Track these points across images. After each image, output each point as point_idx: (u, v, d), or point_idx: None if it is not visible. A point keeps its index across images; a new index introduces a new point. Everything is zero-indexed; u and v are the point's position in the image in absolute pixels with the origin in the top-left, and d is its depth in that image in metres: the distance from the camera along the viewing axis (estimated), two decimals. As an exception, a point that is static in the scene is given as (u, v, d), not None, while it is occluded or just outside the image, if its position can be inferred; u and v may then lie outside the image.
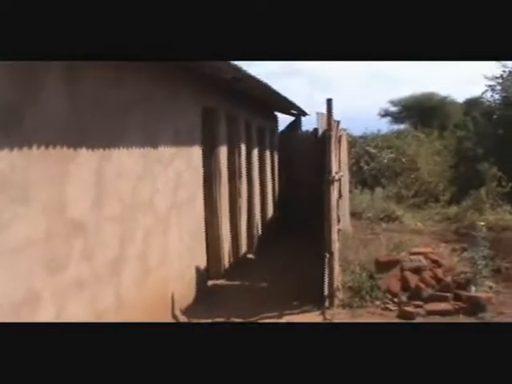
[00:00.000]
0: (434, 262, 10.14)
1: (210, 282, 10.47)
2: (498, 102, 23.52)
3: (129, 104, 7.03)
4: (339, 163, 11.18)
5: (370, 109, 53.62)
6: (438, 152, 24.10)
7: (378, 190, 20.63)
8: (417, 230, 16.30)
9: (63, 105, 5.57)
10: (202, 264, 10.02)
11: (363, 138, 25.67)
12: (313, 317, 8.81)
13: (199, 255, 9.88)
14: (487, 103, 24.50)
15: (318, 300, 9.17)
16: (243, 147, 12.74)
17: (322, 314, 8.86)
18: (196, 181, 9.67)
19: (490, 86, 23.23)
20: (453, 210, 18.97)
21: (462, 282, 9.48)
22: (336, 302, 9.11)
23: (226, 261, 11.33)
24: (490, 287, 9.77)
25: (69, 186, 5.65)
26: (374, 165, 22.98)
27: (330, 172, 9.36)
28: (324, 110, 9.57)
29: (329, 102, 9.41)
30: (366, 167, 22.79)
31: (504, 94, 22.87)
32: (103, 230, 6.35)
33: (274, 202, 16.69)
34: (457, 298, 9.14)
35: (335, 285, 9.18)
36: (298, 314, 8.95)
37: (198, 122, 9.73)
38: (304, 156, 16.08)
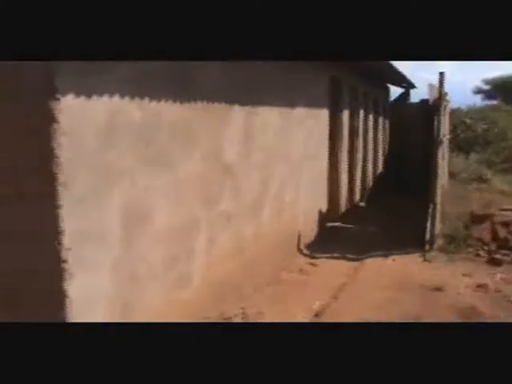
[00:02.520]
0: (522, 217, 9.68)
1: (328, 224, 10.34)
2: None
3: (273, 75, 6.93)
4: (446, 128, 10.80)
5: (463, 86, 51.77)
6: (526, 125, 22.80)
7: (473, 155, 19.81)
8: (504, 191, 15.58)
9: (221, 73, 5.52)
10: (324, 208, 9.92)
11: (459, 110, 24.79)
12: (414, 257, 8.57)
13: (321, 200, 9.79)
14: None
15: (419, 245, 8.90)
16: (361, 112, 12.45)
17: (423, 255, 8.60)
18: (323, 137, 9.53)
19: None
20: (537, 176, 17.96)
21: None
22: (435, 246, 8.82)
23: (343, 206, 11.16)
24: None
25: (224, 137, 5.64)
26: (469, 133, 22.15)
27: (439, 134, 9.03)
28: (432, 83, 9.26)
29: (441, 74, 8.95)
30: (462, 135, 21.97)
31: None
32: (249, 174, 6.34)
33: (384, 160, 16.34)
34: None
35: (436, 231, 8.89)
36: (402, 254, 8.73)
37: (326, 89, 9.56)
38: (411, 122, 15.61)
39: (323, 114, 9.45)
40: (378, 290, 7.01)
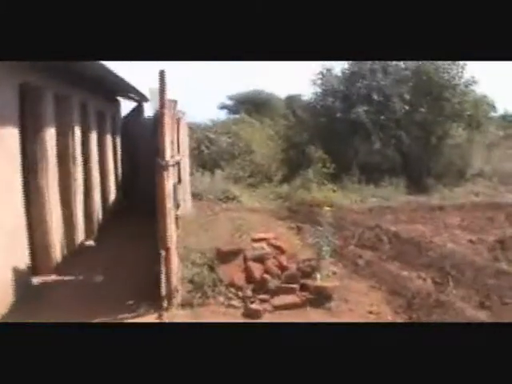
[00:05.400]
0: (277, 248, 8.11)
1: (36, 280, 7.71)
2: (319, 94, 21.90)
3: None
4: (178, 146, 8.70)
5: (208, 101, 51.80)
6: (270, 137, 22.64)
7: (218, 172, 18.51)
8: (253, 208, 14.49)
9: None
10: (25, 260, 7.29)
11: (204, 125, 23.88)
12: (151, 319, 6.43)
13: (19, 252, 7.11)
14: (310, 95, 22.96)
15: (155, 299, 6.74)
16: (78, 130, 9.91)
17: (160, 316, 6.45)
18: (12, 168, 6.88)
19: (312, 80, 21.77)
20: (284, 188, 17.58)
21: (308, 270, 7.52)
22: (175, 302, 6.67)
23: (58, 252, 8.55)
24: (334, 273, 7.92)
25: None
26: (213, 149, 20.91)
27: (163, 156, 6.63)
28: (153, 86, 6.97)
29: (161, 73, 6.48)
30: (206, 151, 20.65)
31: (324, 88, 21.48)
32: None
33: (117, 186, 13.95)
34: (304, 288, 7.21)
35: (174, 284, 6.70)
36: (133, 317, 6.49)
37: (13, 99, 6.93)
38: (147, 140, 13.61)
39: (11, 135, 6.83)
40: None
